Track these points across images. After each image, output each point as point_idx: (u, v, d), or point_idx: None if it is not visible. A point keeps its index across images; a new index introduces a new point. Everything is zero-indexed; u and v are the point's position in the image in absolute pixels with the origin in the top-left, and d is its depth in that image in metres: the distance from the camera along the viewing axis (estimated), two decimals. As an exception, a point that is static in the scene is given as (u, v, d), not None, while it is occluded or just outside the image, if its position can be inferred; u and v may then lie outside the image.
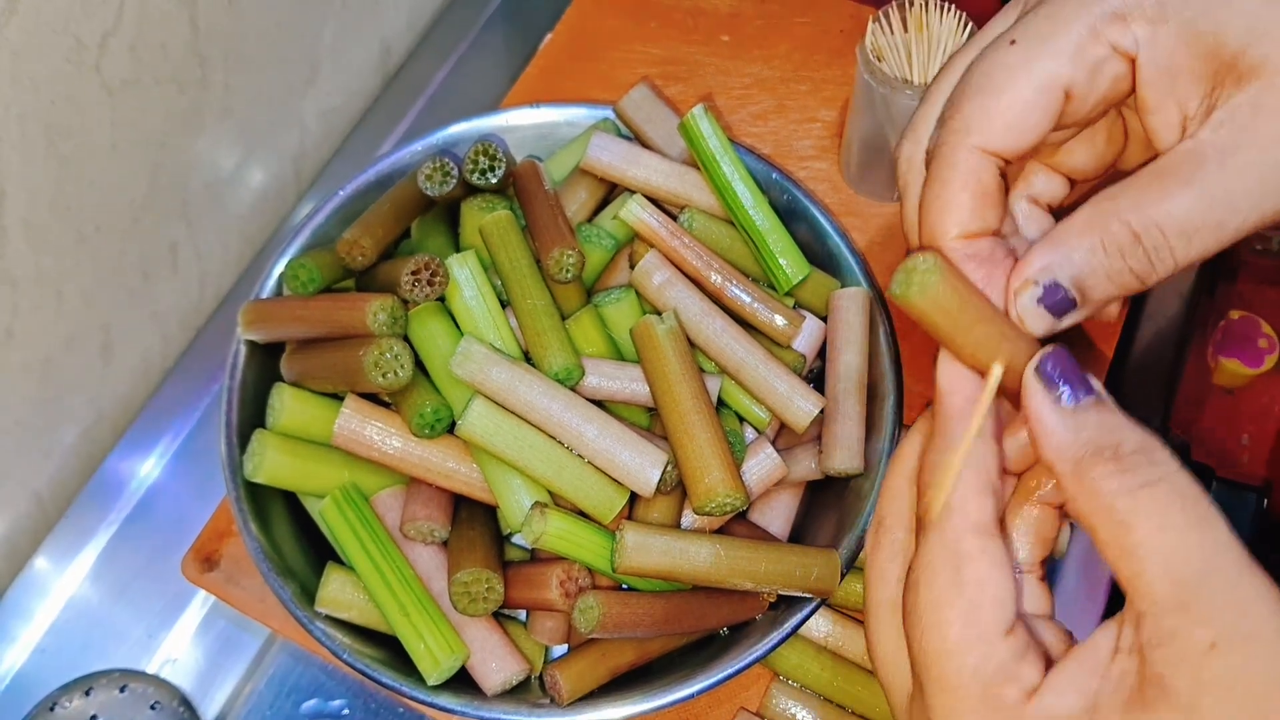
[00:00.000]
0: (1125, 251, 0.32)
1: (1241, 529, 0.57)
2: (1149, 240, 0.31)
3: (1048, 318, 0.32)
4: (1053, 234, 0.32)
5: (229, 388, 0.50)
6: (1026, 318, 0.32)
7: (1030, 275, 0.32)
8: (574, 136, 0.56)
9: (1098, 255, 0.32)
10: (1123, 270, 0.32)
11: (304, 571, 0.48)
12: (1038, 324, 0.32)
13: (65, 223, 0.54)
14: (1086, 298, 0.32)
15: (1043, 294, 0.32)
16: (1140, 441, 0.29)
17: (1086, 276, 0.32)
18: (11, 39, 0.47)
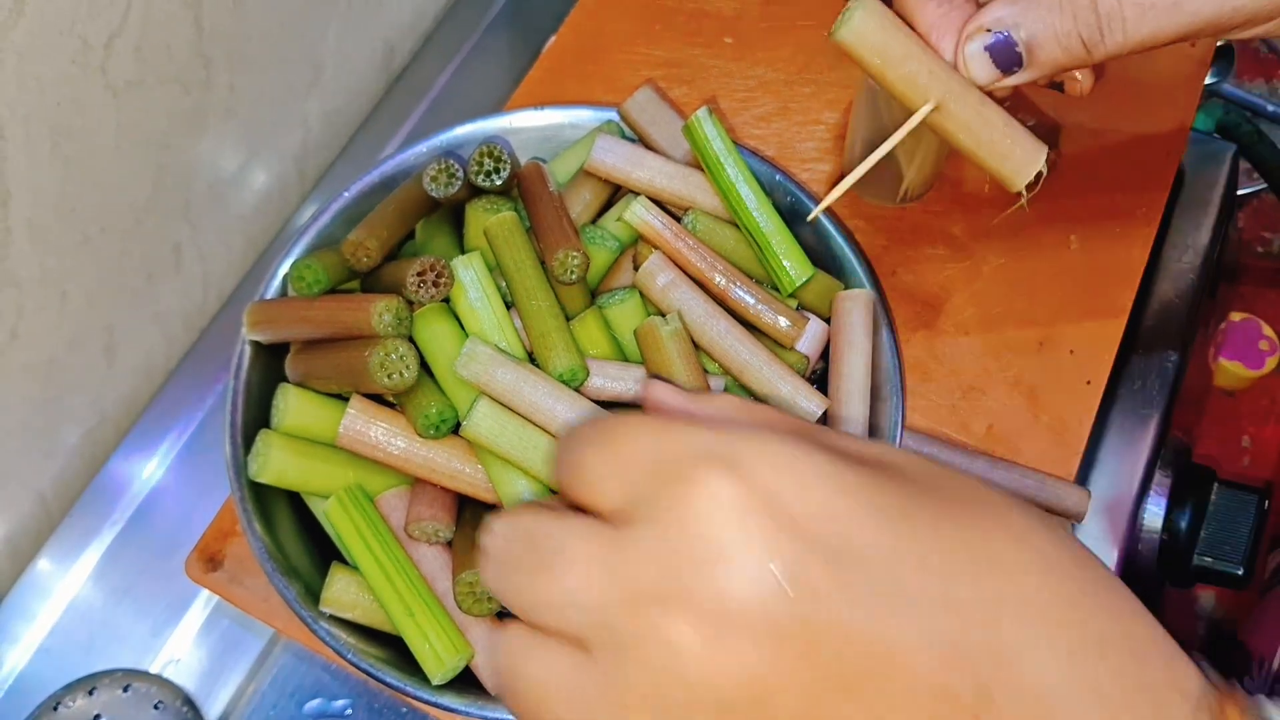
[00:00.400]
0: (1079, 15, 0.32)
1: (1243, 531, 0.57)
2: (1104, 6, 0.32)
3: (992, 68, 0.33)
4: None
5: (233, 388, 0.50)
6: (971, 63, 0.33)
7: (984, 22, 0.33)
8: (578, 138, 0.56)
9: (1054, 15, 0.32)
10: (1073, 34, 0.32)
11: (308, 571, 0.49)
12: (981, 71, 0.33)
13: (69, 224, 0.54)
14: (1034, 57, 0.33)
15: (992, 42, 0.33)
16: None
17: (1038, 34, 0.32)
18: (17, 41, 0.47)
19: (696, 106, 0.64)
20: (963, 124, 0.34)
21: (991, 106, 0.35)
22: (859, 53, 0.34)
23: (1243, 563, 0.57)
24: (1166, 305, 0.61)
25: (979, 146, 0.35)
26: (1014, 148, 0.36)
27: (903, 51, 0.33)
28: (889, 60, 0.33)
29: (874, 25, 0.33)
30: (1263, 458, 0.77)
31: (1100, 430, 0.58)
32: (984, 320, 0.57)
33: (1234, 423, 0.78)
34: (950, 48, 0.34)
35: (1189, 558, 0.57)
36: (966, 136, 0.35)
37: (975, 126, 0.35)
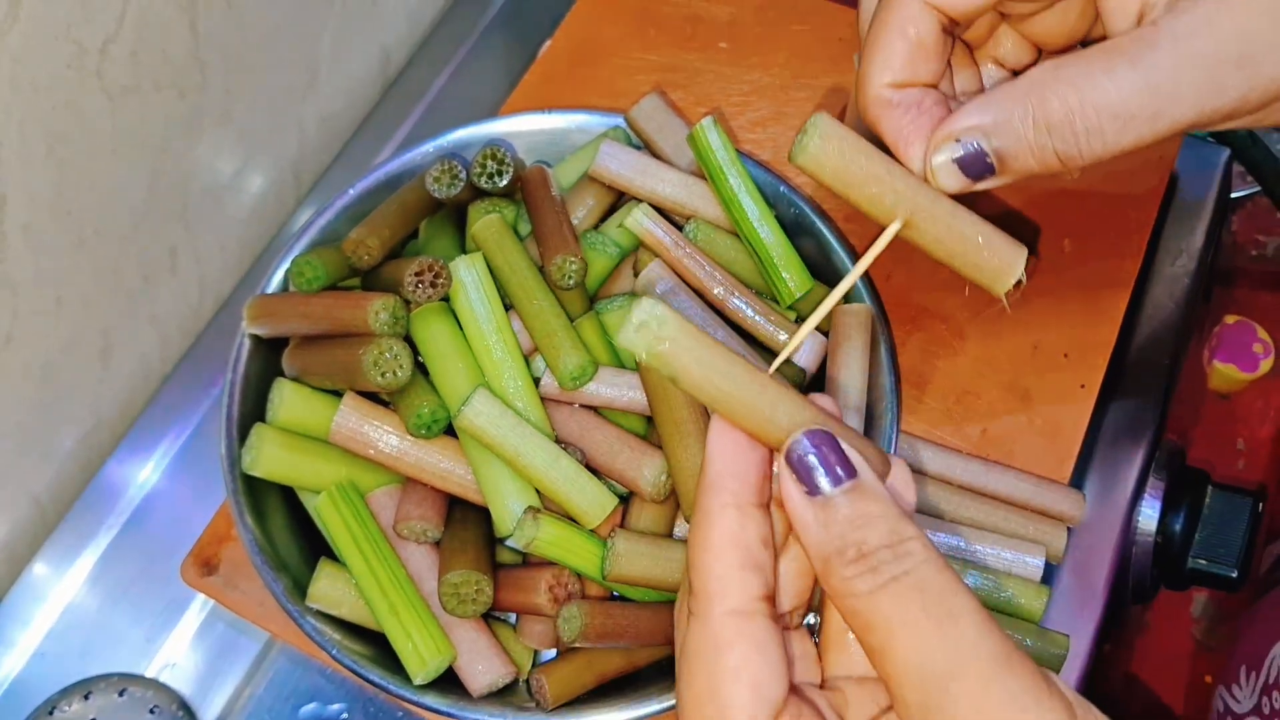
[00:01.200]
0: (1053, 130, 0.31)
1: (1237, 534, 0.57)
2: (1082, 122, 0.31)
3: (961, 178, 0.32)
4: (987, 96, 0.32)
5: (231, 381, 0.50)
6: (939, 173, 0.32)
7: (953, 131, 0.31)
8: (583, 143, 0.57)
9: (1026, 127, 0.31)
10: (1047, 148, 0.31)
11: (298, 567, 0.49)
12: (949, 181, 0.32)
13: (65, 227, 0.54)
14: (1006, 166, 0.32)
15: (962, 153, 0.31)
16: (886, 534, 0.26)
17: (1010, 146, 0.31)
18: (13, 45, 0.47)
19: (692, 110, 0.65)
20: (934, 238, 0.33)
21: (963, 217, 0.34)
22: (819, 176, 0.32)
23: (1237, 565, 0.57)
24: (1160, 309, 0.61)
25: (953, 258, 0.34)
26: (990, 258, 0.34)
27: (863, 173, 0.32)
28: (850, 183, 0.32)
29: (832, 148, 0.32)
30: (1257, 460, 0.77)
31: (1095, 434, 0.58)
32: (978, 324, 0.58)
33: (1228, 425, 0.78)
34: (918, 157, 0.33)
35: (1183, 560, 0.58)
36: (939, 249, 0.34)
37: (947, 240, 0.34)
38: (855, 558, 0.26)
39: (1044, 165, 0.32)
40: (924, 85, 0.33)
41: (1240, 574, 0.57)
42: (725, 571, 0.28)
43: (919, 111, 0.33)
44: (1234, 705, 0.57)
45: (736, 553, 0.28)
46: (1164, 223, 0.63)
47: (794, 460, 0.28)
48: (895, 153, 0.33)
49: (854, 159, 0.32)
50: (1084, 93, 0.31)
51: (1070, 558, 0.55)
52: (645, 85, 0.65)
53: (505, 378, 0.48)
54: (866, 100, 0.34)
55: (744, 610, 0.27)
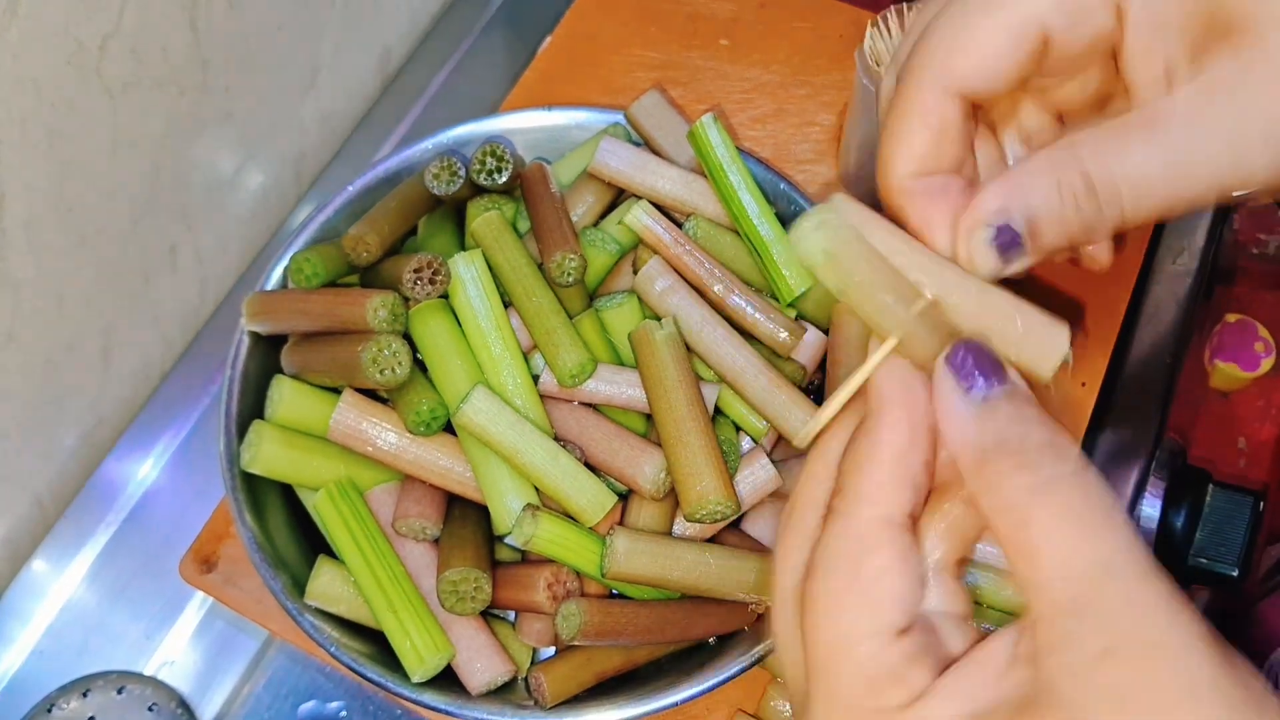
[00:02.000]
0: (1079, 199, 0.31)
1: (1238, 533, 0.57)
2: (1103, 193, 0.31)
3: (996, 259, 0.31)
4: (1010, 174, 0.31)
5: (230, 378, 0.50)
6: (977, 257, 0.31)
7: (984, 215, 0.31)
8: (584, 140, 0.57)
9: (1052, 200, 0.31)
10: (1073, 219, 0.31)
11: (297, 564, 0.49)
12: (987, 264, 0.31)
13: (66, 225, 0.54)
14: (1036, 243, 0.31)
15: (995, 233, 0.31)
16: (1047, 436, 0.27)
17: (1040, 220, 0.31)
18: (13, 42, 0.47)
19: (692, 108, 0.65)
20: (968, 317, 0.32)
21: (997, 293, 0.32)
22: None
23: (1238, 564, 0.57)
24: (1162, 307, 0.61)
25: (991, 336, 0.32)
26: (1028, 336, 0.32)
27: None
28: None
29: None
30: (1258, 459, 0.77)
31: (1095, 432, 0.58)
32: (979, 322, 0.57)
33: (1229, 424, 0.78)
34: (945, 242, 0.32)
35: (1184, 559, 0.58)
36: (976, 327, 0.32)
37: (983, 318, 0.32)
38: (1015, 452, 0.27)
39: (1070, 239, 0.32)
40: (948, 170, 0.33)
41: (1241, 573, 0.57)
42: (886, 479, 0.29)
43: (943, 196, 0.32)
44: None
45: (900, 466, 0.29)
46: (1165, 221, 0.63)
47: (954, 361, 0.29)
48: (921, 237, 0.33)
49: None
50: (1103, 163, 0.31)
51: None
52: (645, 82, 0.65)
53: (504, 375, 0.48)
54: (890, 190, 0.34)
55: (893, 519, 0.28)
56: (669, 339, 0.48)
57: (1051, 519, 0.26)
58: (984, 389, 0.28)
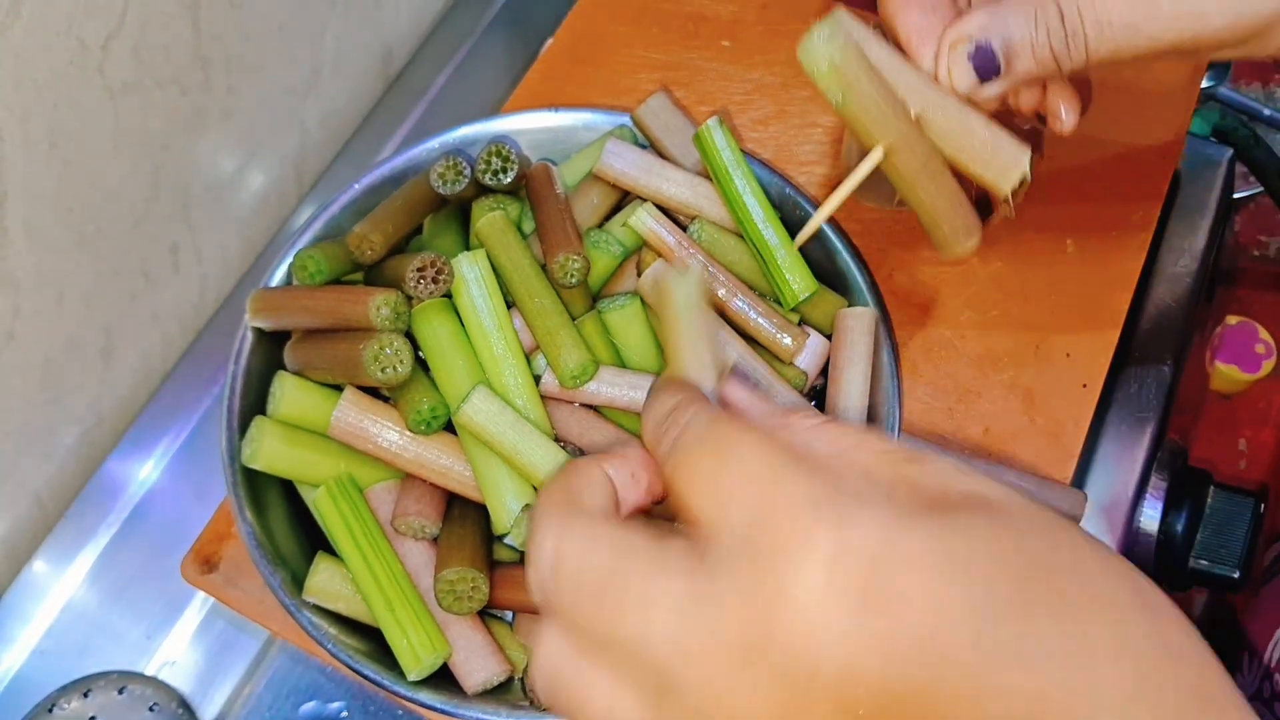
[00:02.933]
0: (1050, 28, 0.33)
1: (1239, 535, 0.57)
2: (1070, 23, 0.33)
3: (973, 76, 0.34)
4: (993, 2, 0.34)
5: (233, 373, 0.50)
6: (955, 71, 0.34)
7: (967, 31, 0.34)
8: (590, 141, 0.57)
9: (1029, 26, 0.33)
10: (1045, 46, 0.34)
11: (297, 561, 0.49)
12: (963, 80, 0.34)
13: (67, 224, 0.54)
14: (1010, 67, 0.34)
15: (974, 51, 0.34)
16: (671, 407, 0.29)
17: (1015, 44, 0.34)
18: (15, 41, 0.47)
19: (694, 109, 0.64)
20: (945, 132, 0.35)
21: (972, 114, 0.36)
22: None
23: (1238, 566, 0.57)
24: (1163, 309, 0.61)
25: (960, 152, 0.36)
26: (997, 153, 0.36)
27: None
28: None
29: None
30: (1259, 461, 0.77)
31: (1096, 433, 0.58)
32: (980, 324, 0.57)
33: (1230, 426, 0.78)
34: (929, 55, 0.35)
35: (1185, 561, 0.58)
36: (949, 144, 0.36)
37: (957, 134, 0.36)
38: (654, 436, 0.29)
39: (1041, 64, 0.34)
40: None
41: (1242, 574, 0.57)
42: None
43: (933, 13, 0.35)
44: None
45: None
46: (1167, 222, 0.63)
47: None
48: (907, 49, 0.36)
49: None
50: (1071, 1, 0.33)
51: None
52: (647, 83, 0.65)
53: (506, 375, 0.48)
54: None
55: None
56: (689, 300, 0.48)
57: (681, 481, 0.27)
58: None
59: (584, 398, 0.49)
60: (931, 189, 0.36)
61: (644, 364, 0.51)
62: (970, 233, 0.37)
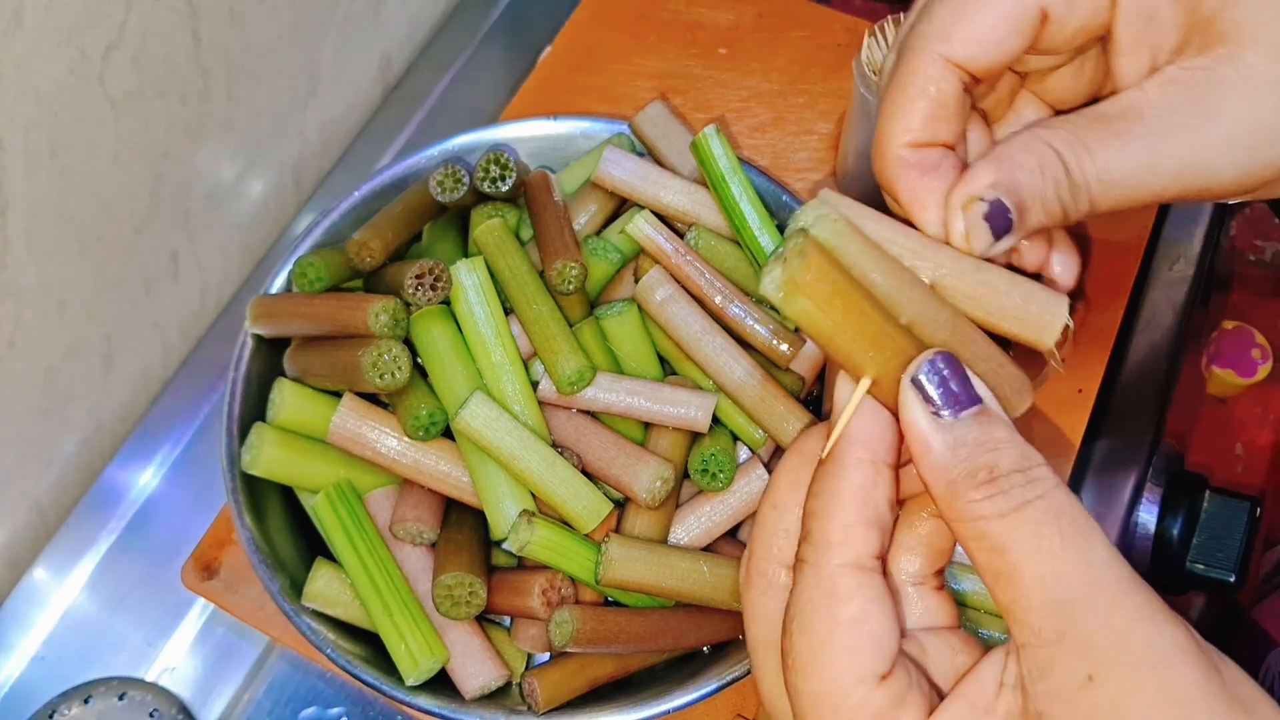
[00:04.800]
0: (1058, 180, 0.31)
1: (1235, 539, 0.57)
2: (1074, 177, 0.31)
3: (990, 235, 0.32)
4: (996, 153, 0.32)
5: (233, 380, 0.50)
6: (973, 232, 0.32)
7: (977, 190, 0.31)
8: (588, 149, 0.57)
9: (1036, 178, 0.31)
10: (1054, 199, 0.32)
11: (296, 567, 0.49)
12: (981, 240, 0.32)
13: (68, 233, 0.54)
14: (1023, 220, 0.32)
15: (988, 210, 0.31)
16: (1017, 459, 0.27)
17: (1026, 198, 0.31)
18: (16, 51, 0.47)
19: (691, 116, 0.65)
20: (968, 296, 0.32)
21: (991, 269, 0.33)
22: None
23: (1235, 570, 0.57)
24: (1159, 313, 0.62)
25: (990, 315, 0.32)
26: (1028, 306, 0.33)
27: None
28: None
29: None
30: (1255, 465, 0.77)
31: (1093, 438, 0.58)
32: (977, 329, 0.58)
33: (1227, 431, 0.78)
34: (934, 220, 0.33)
35: (1181, 564, 0.58)
36: (976, 308, 0.32)
37: (981, 295, 0.32)
38: (986, 480, 0.26)
39: (1050, 215, 0.32)
40: (942, 146, 0.33)
41: (1238, 578, 0.57)
42: (852, 522, 0.28)
43: (935, 173, 0.33)
44: None
45: (865, 508, 0.28)
46: (1162, 227, 0.63)
47: (921, 380, 0.28)
48: (910, 214, 0.33)
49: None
50: (1072, 152, 0.31)
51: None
52: (645, 91, 0.66)
53: (504, 381, 0.49)
54: (885, 160, 0.33)
55: (863, 564, 0.28)
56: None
57: (1026, 545, 0.26)
58: (953, 410, 0.28)
59: (581, 404, 0.49)
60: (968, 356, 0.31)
61: (641, 370, 0.51)
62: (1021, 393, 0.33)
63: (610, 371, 0.50)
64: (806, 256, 0.28)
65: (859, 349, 0.29)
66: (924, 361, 0.28)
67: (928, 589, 0.31)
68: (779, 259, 0.29)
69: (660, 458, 0.48)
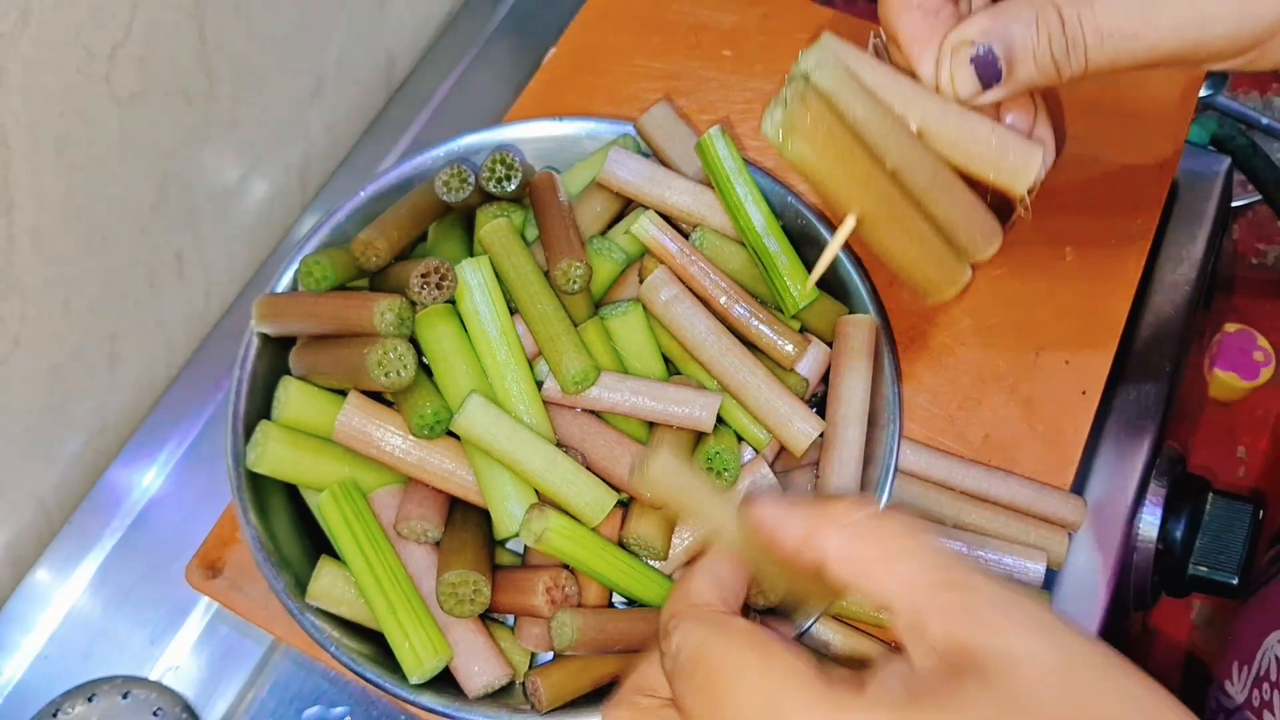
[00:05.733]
0: (1052, 35, 0.33)
1: (1238, 541, 0.57)
2: (1070, 30, 0.33)
3: (975, 82, 0.34)
4: (995, 6, 0.34)
5: (239, 378, 0.50)
6: (958, 75, 0.34)
7: (969, 35, 0.33)
8: (593, 150, 0.57)
9: (1030, 31, 0.33)
10: (1046, 52, 0.33)
11: (300, 565, 0.49)
12: (966, 85, 0.34)
13: (73, 232, 0.55)
14: (1012, 72, 0.33)
15: (976, 54, 0.33)
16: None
17: (1017, 49, 0.33)
18: (23, 51, 0.47)
19: (695, 117, 0.65)
20: (950, 141, 0.34)
21: (976, 118, 0.35)
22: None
23: (1237, 572, 0.57)
24: (1161, 316, 0.62)
25: (970, 159, 0.35)
26: (1006, 154, 0.35)
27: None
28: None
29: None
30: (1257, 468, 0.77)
31: (1096, 440, 0.58)
32: (980, 331, 0.58)
33: (1229, 433, 0.78)
34: (929, 61, 0.35)
35: (1184, 567, 0.58)
36: (957, 153, 0.35)
37: (964, 141, 0.35)
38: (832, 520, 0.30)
39: (1042, 71, 0.34)
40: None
41: (1241, 581, 0.57)
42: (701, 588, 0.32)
43: (934, 17, 0.34)
44: (1226, 701, 0.57)
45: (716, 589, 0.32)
46: (1165, 231, 0.63)
47: None
48: (907, 54, 0.35)
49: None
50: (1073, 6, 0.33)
51: (1071, 564, 0.55)
52: (649, 92, 0.66)
53: (508, 380, 0.49)
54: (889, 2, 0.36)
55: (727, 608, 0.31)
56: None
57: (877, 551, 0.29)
58: None
59: (586, 403, 0.50)
60: (946, 201, 0.34)
61: (646, 370, 0.52)
62: (990, 239, 0.36)
63: (615, 371, 0.50)
64: (805, 102, 0.31)
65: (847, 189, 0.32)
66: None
67: None
68: (780, 101, 0.31)
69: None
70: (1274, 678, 0.52)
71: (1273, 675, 0.53)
